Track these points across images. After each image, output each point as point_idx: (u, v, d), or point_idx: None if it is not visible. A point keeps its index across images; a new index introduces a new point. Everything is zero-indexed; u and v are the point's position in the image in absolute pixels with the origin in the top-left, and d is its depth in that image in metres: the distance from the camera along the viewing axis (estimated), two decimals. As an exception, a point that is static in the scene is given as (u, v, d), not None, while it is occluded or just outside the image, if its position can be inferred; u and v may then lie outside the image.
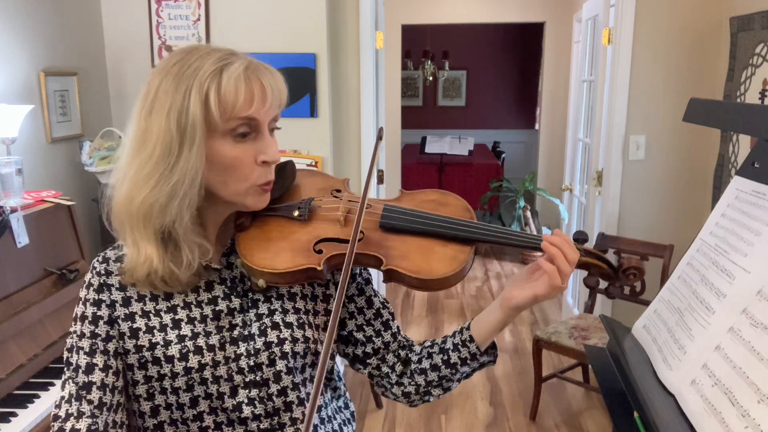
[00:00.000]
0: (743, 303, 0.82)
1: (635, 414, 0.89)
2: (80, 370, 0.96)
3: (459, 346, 1.05)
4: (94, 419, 0.94)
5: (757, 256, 0.84)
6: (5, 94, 2.45)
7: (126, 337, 0.97)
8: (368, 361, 1.11)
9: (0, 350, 1.78)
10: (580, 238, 1.02)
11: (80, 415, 0.94)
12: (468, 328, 1.05)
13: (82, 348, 0.97)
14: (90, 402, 0.95)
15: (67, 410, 0.94)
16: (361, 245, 0.97)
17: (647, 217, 3.26)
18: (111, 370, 0.97)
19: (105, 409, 0.95)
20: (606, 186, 3.28)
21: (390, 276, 0.97)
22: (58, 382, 1.81)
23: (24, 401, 1.71)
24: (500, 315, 1.01)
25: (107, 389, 0.96)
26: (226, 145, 0.92)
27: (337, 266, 0.99)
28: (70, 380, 0.97)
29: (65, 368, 0.98)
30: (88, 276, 1.00)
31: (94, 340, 0.97)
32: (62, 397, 0.96)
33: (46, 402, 1.73)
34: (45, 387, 1.79)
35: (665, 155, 3.20)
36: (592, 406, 3.25)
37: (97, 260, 1.01)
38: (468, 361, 1.05)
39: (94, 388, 0.95)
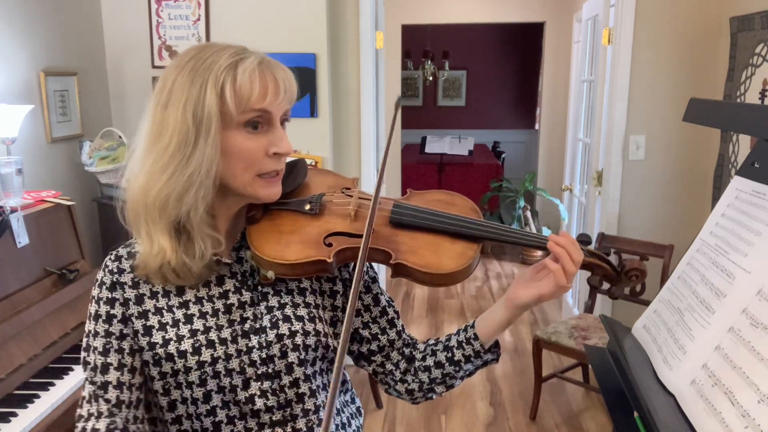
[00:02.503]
0: (743, 303, 0.82)
1: (635, 414, 0.89)
2: (97, 370, 0.98)
3: (463, 344, 1.07)
4: (113, 418, 0.96)
5: (757, 256, 0.84)
6: (5, 94, 2.45)
7: (140, 335, 0.99)
8: (373, 358, 1.12)
9: (0, 350, 1.78)
10: (584, 240, 1.04)
11: (99, 415, 0.95)
12: (473, 326, 1.08)
13: (96, 348, 0.98)
14: (107, 401, 0.97)
15: (88, 410, 0.97)
16: (371, 240, 0.98)
17: (647, 217, 3.26)
18: (126, 368, 0.98)
19: (123, 406, 0.97)
20: (606, 186, 3.28)
21: (398, 270, 0.99)
22: (58, 382, 1.82)
23: (24, 401, 1.71)
24: (505, 313, 1.04)
25: (124, 387, 0.98)
26: (240, 137, 0.94)
27: (346, 260, 1.01)
28: (89, 380, 0.98)
29: (83, 367, 0.99)
30: (100, 274, 1.01)
31: (108, 339, 0.98)
32: (83, 397, 0.98)
33: (46, 402, 1.73)
34: (45, 387, 1.79)
35: (665, 155, 3.20)
36: (592, 406, 3.25)
37: (110, 258, 1.02)
38: (472, 359, 1.07)
39: (110, 387, 0.97)
